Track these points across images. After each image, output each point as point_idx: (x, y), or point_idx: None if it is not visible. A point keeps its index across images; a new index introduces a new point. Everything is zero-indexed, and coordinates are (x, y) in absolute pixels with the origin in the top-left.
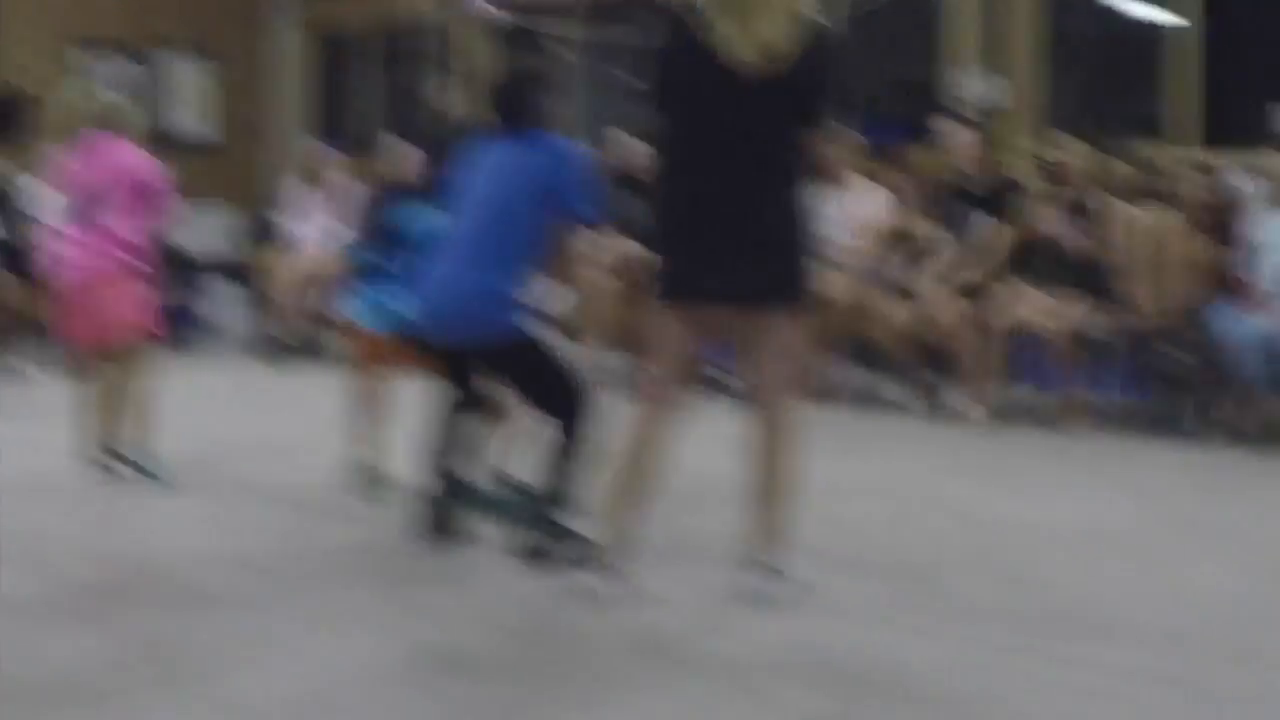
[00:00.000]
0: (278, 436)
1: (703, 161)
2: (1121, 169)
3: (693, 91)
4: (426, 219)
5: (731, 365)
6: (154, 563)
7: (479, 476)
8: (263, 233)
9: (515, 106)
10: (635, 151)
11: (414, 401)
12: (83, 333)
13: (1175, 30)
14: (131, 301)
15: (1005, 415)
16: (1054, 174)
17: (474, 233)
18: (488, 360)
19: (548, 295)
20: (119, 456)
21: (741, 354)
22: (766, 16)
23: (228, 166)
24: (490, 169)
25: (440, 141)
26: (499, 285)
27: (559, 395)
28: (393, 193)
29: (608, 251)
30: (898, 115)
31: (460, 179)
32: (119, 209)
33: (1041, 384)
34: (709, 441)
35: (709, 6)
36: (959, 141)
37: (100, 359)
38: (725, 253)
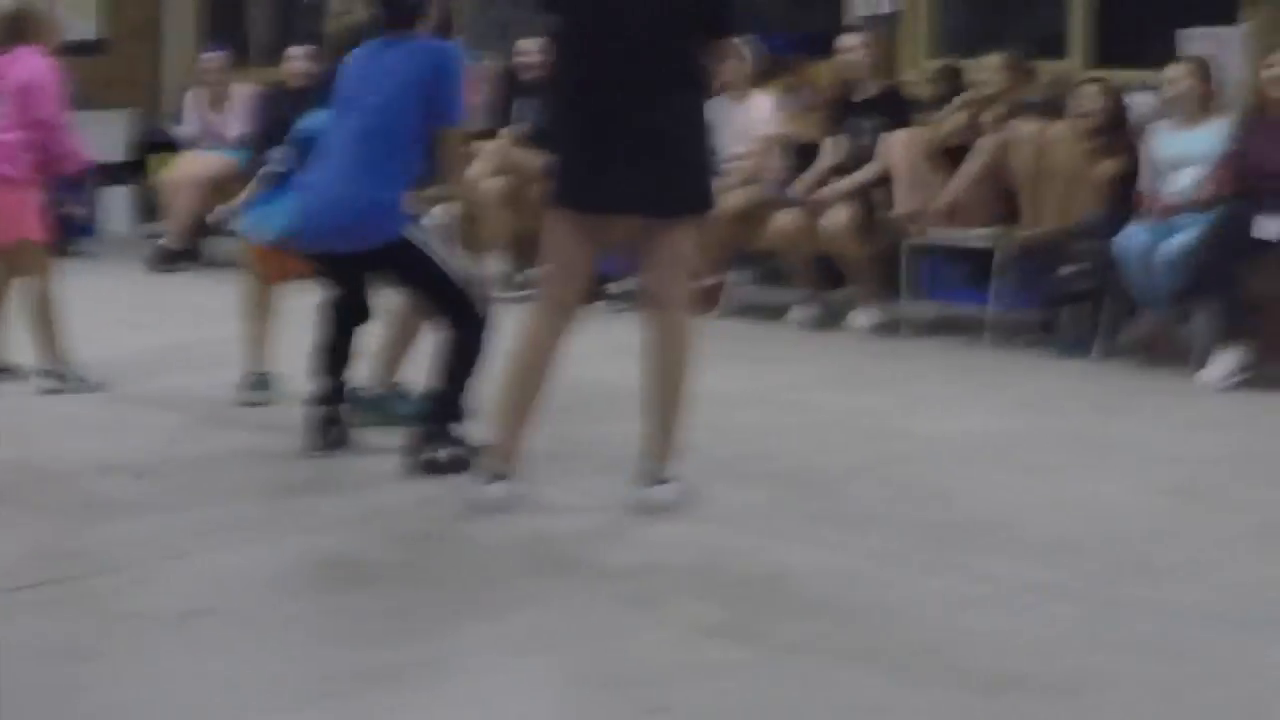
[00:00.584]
0: (170, 344)
1: (600, 68)
2: (1018, 82)
3: None
4: (323, 124)
5: (624, 273)
6: (45, 470)
7: (371, 383)
8: (154, 138)
9: (398, 6)
10: (532, 56)
11: (306, 308)
12: None
13: None
14: (19, 208)
15: (897, 327)
16: (949, 85)
17: (353, 139)
18: (374, 267)
19: (435, 203)
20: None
21: (636, 262)
22: None
23: (118, 70)
24: (371, 74)
25: (337, 45)
26: (380, 192)
27: (450, 301)
28: (289, 97)
29: (498, 156)
30: (793, 26)
31: (342, 84)
32: (8, 116)
33: (935, 296)
34: (603, 351)
35: None
36: (852, 51)
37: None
38: (621, 161)
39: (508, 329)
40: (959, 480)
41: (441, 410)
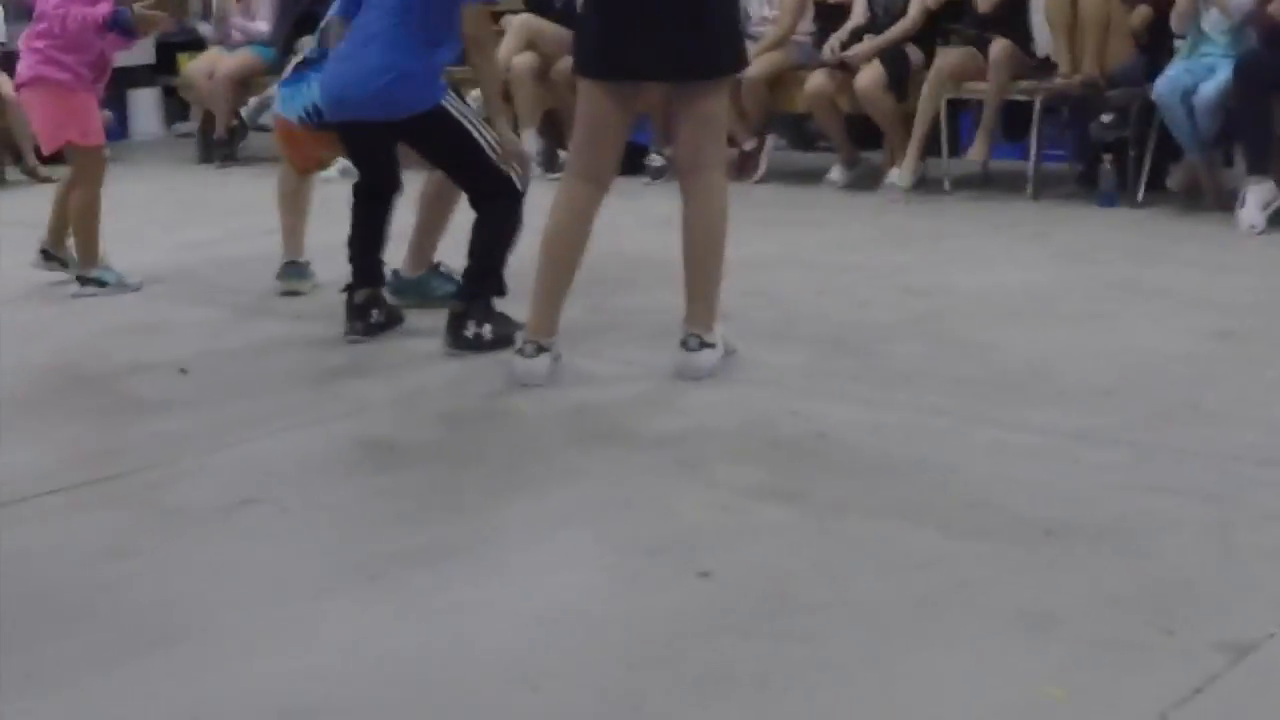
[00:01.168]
0: (206, 240)
1: None
2: None
3: None
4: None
5: (661, 143)
6: (86, 372)
7: (408, 264)
8: (181, 38)
9: None
10: None
11: (339, 195)
12: (41, 137)
13: None
14: (68, 112)
15: (935, 184)
16: None
17: (384, 13)
18: (407, 138)
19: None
20: (55, 259)
21: (669, 128)
22: None
23: None
24: None
25: None
26: (413, 62)
27: (484, 174)
28: None
29: (525, 31)
30: None
31: None
32: (56, 16)
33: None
34: (641, 222)
35: None
36: None
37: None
38: (646, 26)
39: (541, 204)
40: (1001, 333)
41: (479, 286)
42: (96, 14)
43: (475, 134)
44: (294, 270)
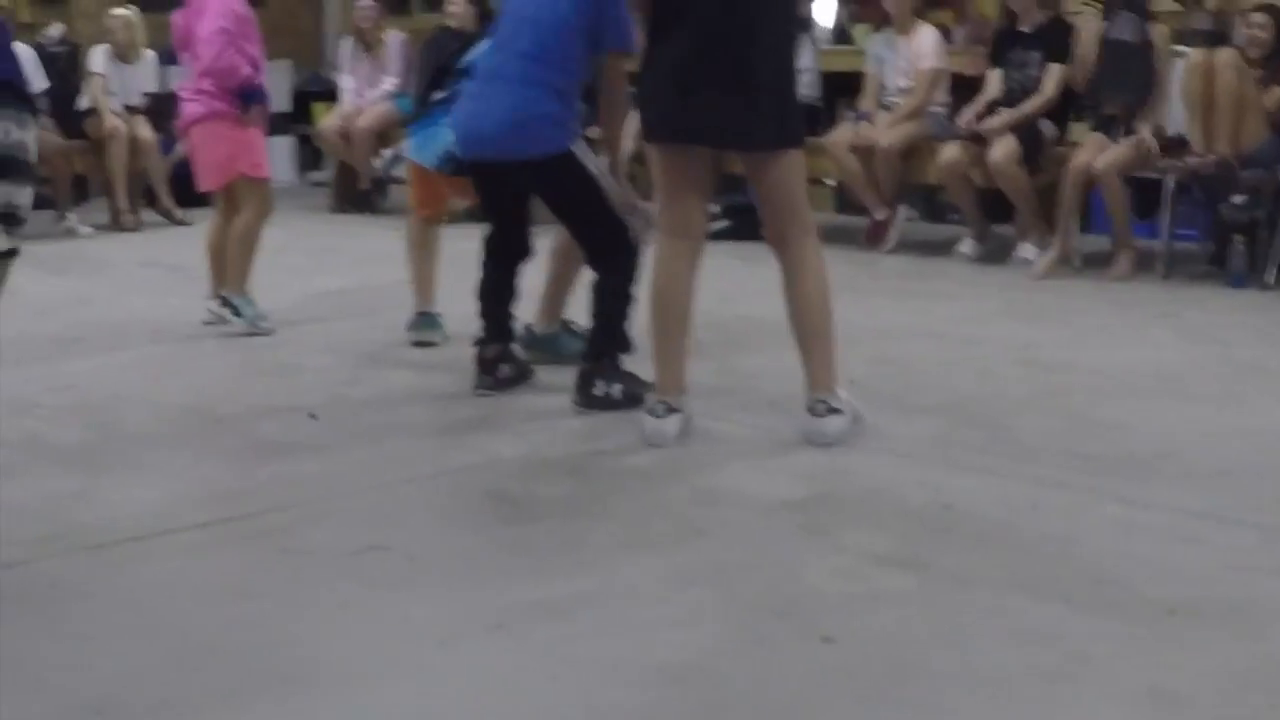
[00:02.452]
0: (339, 289)
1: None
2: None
3: None
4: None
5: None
6: (216, 413)
7: (538, 320)
8: (316, 87)
9: None
10: None
11: (471, 249)
12: (200, 180)
13: None
14: (229, 145)
15: (1064, 260)
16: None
17: (517, 58)
18: (534, 183)
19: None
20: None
21: (755, 198)
22: None
23: (279, 20)
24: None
25: None
26: (544, 104)
27: (604, 228)
28: (452, 39)
29: None
30: None
31: (505, 6)
32: (209, 55)
33: (1103, 228)
34: (762, 283)
35: None
36: None
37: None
38: (694, 90)
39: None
40: (1128, 411)
41: (605, 345)
42: (245, 75)
43: (600, 185)
44: (425, 321)
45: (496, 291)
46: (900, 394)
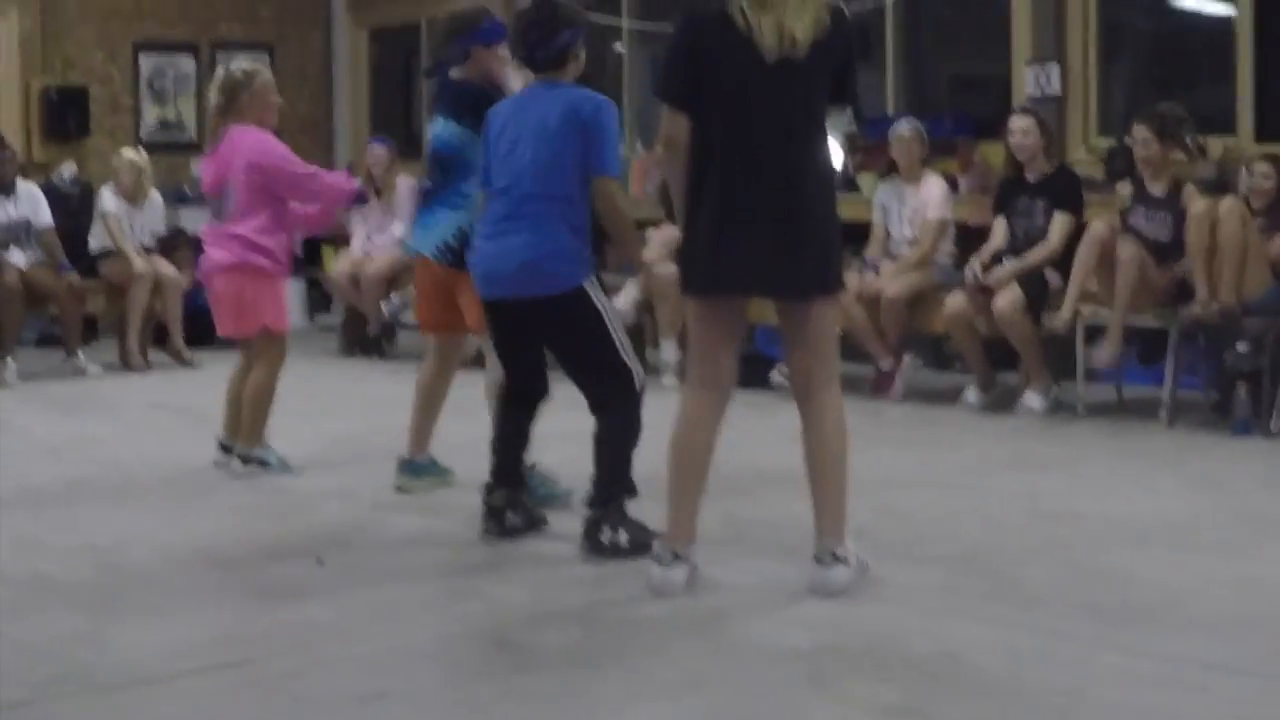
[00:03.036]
0: (345, 433)
1: (729, 150)
2: (1181, 158)
3: (720, 79)
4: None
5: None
6: (224, 555)
7: (537, 465)
8: (325, 233)
9: (545, 47)
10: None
11: (473, 394)
12: (219, 326)
13: (1226, 21)
14: (265, 298)
15: (1070, 408)
16: (1118, 164)
17: (517, 201)
18: (546, 321)
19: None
20: (227, 450)
21: (784, 345)
22: (791, 7)
23: None
24: (523, 129)
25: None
26: (557, 239)
27: (607, 371)
28: None
29: (672, 242)
30: (962, 108)
31: (495, 138)
32: (242, 201)
33: (1108, 376)
34: (772, 434)
35: None
36: (1022, 132)
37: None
38: (742, 241)
39: (672, 412)
40: (1132, 560)
41: (611, 491)
42: (350, 187)
43: (610, 327)
44: (409, 468)
45: (507, 437)
46: (906, 543)
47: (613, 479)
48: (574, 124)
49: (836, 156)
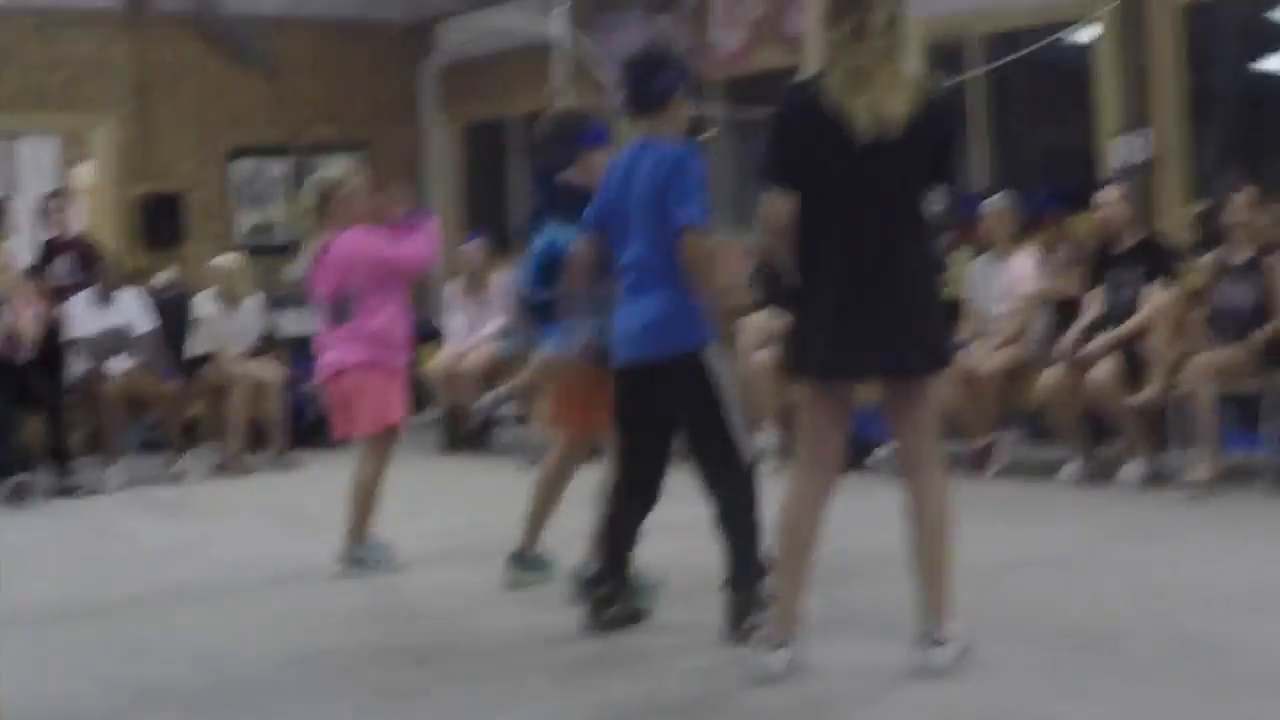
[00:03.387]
0: (449, 528)
1: (832, 233)
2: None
3: (819, 162)
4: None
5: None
6: (328, 659)
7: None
8: (421, 329)
9: (637, 82)
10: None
11: (588, 488)
12: (339, 425)
13: None
14: (389, 394)
15: (1169, 478)
16: (1213, 230)
17: (640, 255)
18: (668, 387)
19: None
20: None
21: (891, 425)
22: (884, 87)
23: None
24: (628, 188)
25: (553, 133)
26: (679, 298)
27: (718, 441)
28: None
29: (766, 328)
30: (1050, 181)
31: (608, 197)
32: (368, 300)
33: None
34: (872, 516)
35: (830, 79)
36: (1110, 204)
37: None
38: (855, 324)
39: (777, 497)
40: (1238, 630)
41: (747, 574)
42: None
43: (723, 399)
44: (520, 562)
45: (616, 529)
46: (1010, 622)
47: (741, 560)
48: (664, 182)
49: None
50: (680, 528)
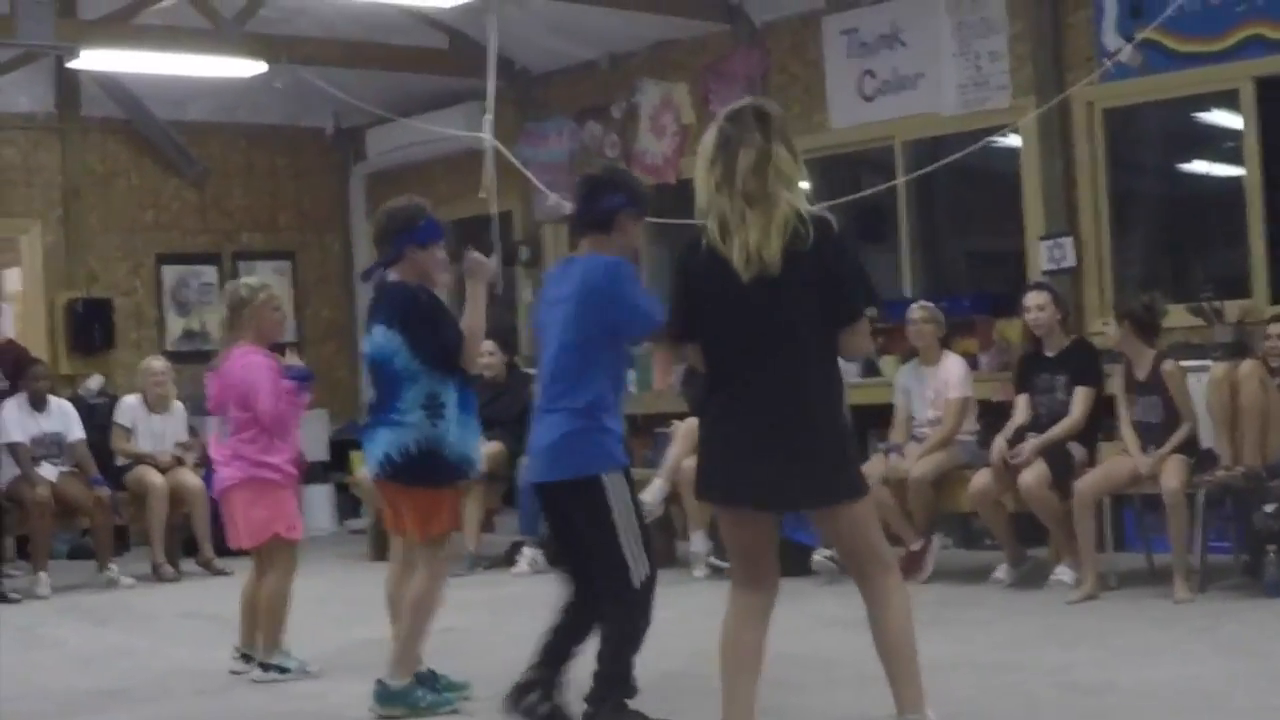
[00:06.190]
0: (376, 637)
1: (727, 368)
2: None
3: (710, 302)
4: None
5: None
6: None
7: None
8: (353, 436)
9: (583, 200)
10: None
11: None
12: (230, 539)
13: (1237, 183)
14: (268, 508)
15: (1099, 579)
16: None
17: (543, 378)
18: (566, 506)
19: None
20: (247, 658)
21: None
22: (754, 229)
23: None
24: (550, 300)
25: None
26: (564, 424)
27: (605, 571)
28: (483, 389)
29: (692, 436)
30: (977, 286)
31: (538, 306)
32: (238, 419)
33: (1136, 545)
34: (809, 622)
35: (710, 225)
36: (1039, 308)
37: (255, 560)
38: (749, 455)
39: (712, 605)
40: None
41: (610, 690)
42: (300, 399)
43: (617, 527)
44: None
45: (554, 629)
46: None
47: (611, 678)
48: (591, 296)
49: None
50: None
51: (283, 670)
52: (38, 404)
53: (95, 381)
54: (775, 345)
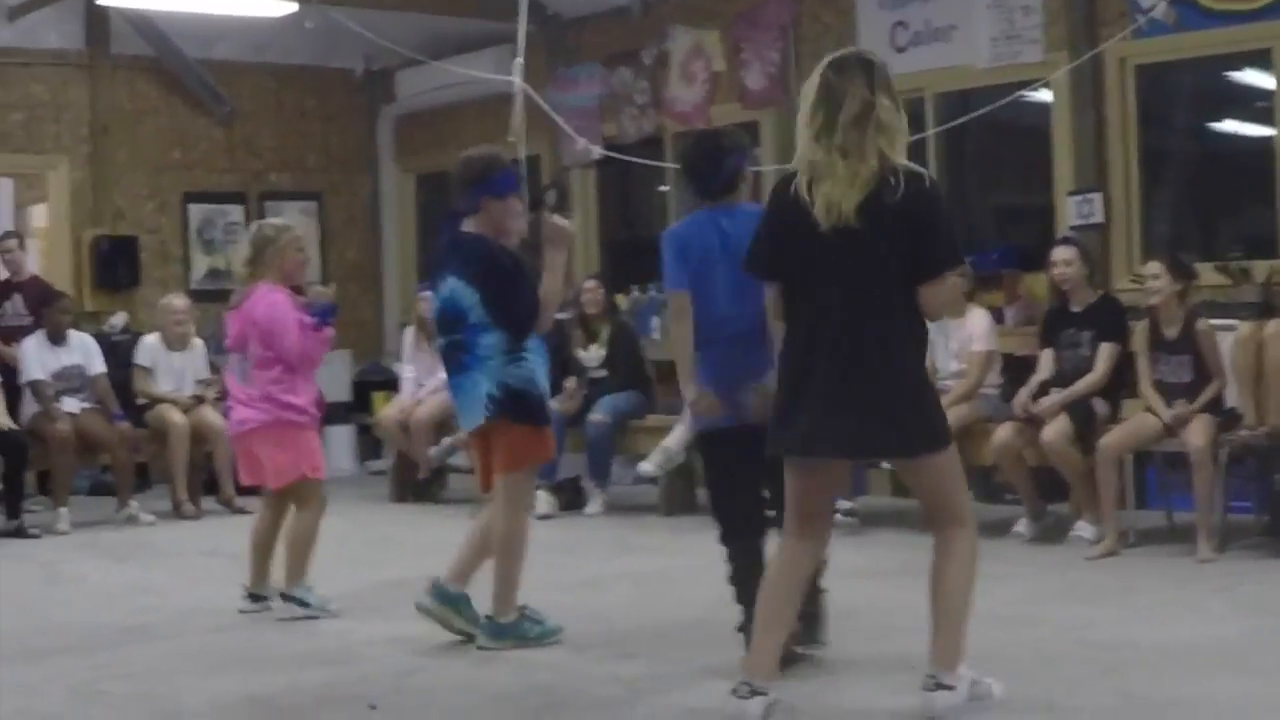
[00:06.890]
0: (397, 578)
1: (805, 316)
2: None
3: (792, 248)
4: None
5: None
6: (278, 702)
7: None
8: (376, 377)
9: (709, 173)
10: None
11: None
12: (246, 477)
13: (1267, 142)
14: (293, 449)
15: (1120, 536)
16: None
17: (725, 310)
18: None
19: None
20: (255, 598)
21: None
22: (839, 181)
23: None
24: (714, 247)
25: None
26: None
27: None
28: None
29: None
30: (1005, 240)
31: (690, 258)
32: (263, 358)
33: (1158, 503)
34: (841, 570)
35: (802, 172)
36: (1065, 263)
37: (266, 500)
38: (831, 407)
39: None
40: (1187, 688)
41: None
42: (322, 342)
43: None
44: (439, 593)
45: (741, 568)
46: None
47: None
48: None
49: None
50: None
51: (303, 603)
52: (57, 338)
53: (119, 319)
54: (854, 296)
